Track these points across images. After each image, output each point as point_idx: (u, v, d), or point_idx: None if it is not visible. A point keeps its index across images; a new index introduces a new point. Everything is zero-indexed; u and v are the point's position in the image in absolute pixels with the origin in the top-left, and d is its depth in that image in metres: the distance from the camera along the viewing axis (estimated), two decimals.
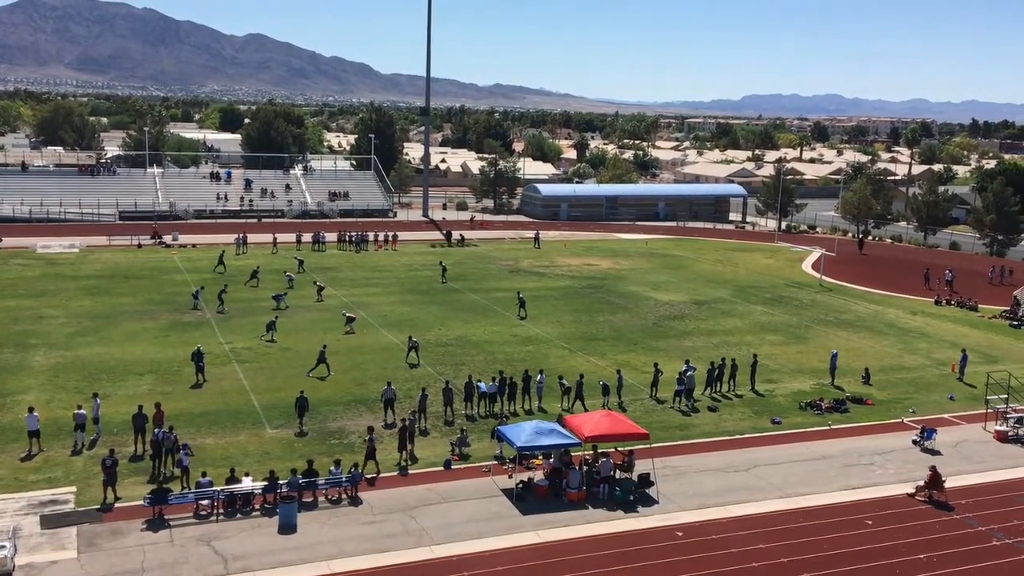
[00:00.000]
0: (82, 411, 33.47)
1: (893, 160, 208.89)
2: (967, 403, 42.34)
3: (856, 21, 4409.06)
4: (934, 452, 35.73)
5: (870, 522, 29.65)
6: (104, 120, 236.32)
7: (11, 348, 45.36)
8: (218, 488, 28.85)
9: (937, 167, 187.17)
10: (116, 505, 28.63)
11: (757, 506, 30.54)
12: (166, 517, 27.93)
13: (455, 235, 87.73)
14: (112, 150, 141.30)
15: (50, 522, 27.45)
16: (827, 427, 38.60)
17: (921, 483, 31.75)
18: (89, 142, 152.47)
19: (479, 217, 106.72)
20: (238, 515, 28.48)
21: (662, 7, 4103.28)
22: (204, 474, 29.71)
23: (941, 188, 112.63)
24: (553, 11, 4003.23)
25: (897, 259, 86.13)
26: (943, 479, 31.46)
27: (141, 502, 28.25)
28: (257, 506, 28.96)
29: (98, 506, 28.53)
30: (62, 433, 34.19)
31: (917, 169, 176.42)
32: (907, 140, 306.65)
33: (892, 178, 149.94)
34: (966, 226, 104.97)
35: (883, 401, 42.32)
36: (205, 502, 28.56)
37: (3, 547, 24.73)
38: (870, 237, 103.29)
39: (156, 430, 31.80)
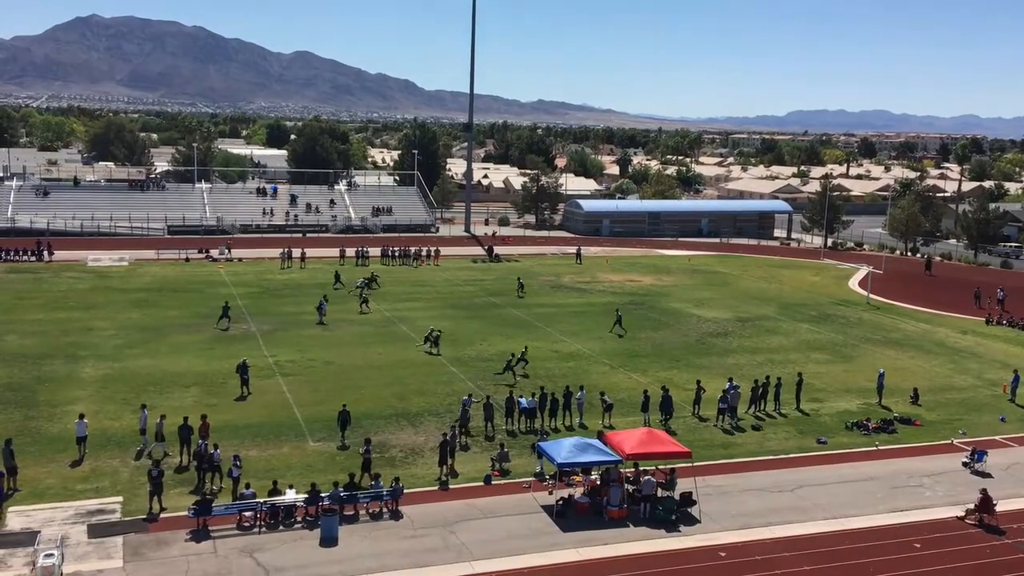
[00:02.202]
0: (160, 421, 34.24)
1: (942, 177, 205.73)
2: (1019, 425, 41.38)
3: (904, 36, 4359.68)
4: (985, 475, 34.94)
5: (918, 545, 29.03)
6: (154, 136, 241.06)
7: (61, 359, 46.26)
8: (261, 500, 29.09)
9: (988, 184, 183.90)
10: (161, 515, 28.98)
11: (802, 527, 30.05)
12: (210, 528, 28.21)
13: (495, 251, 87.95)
14: (161, 165, 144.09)
15: (97, 531, 27.86)
16: (874, 448, 37.94)
17: (971, 506, 31.04)
18: (139, 158, 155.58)
19: (500, 232, 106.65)
20: (280, 527, 28.67)
21: (706, 23, 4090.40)
22: (248, 486, 29.99)
23: (992, 205, 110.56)
24: (596, 28, 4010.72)
25: (947, 277, 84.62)
26: (994, 502, 30.73)
27: (186, 513, 28.58)
28: (299, 518, 29.14)
29: (144, 516, 28.90)
30: (110, 444, 34.75)
31: (967, 186, 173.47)
32: (957, 156, 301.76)
33: (941, 195, 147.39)
34: (1018, 244, 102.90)
35: (932, 422, 41.51)
36: (248, 514, 28.81)
37: (51, 555, 25.13)
38: (919, 255, 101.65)
39: (200, 442, 32.21)
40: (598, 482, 31.75)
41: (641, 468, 32.27)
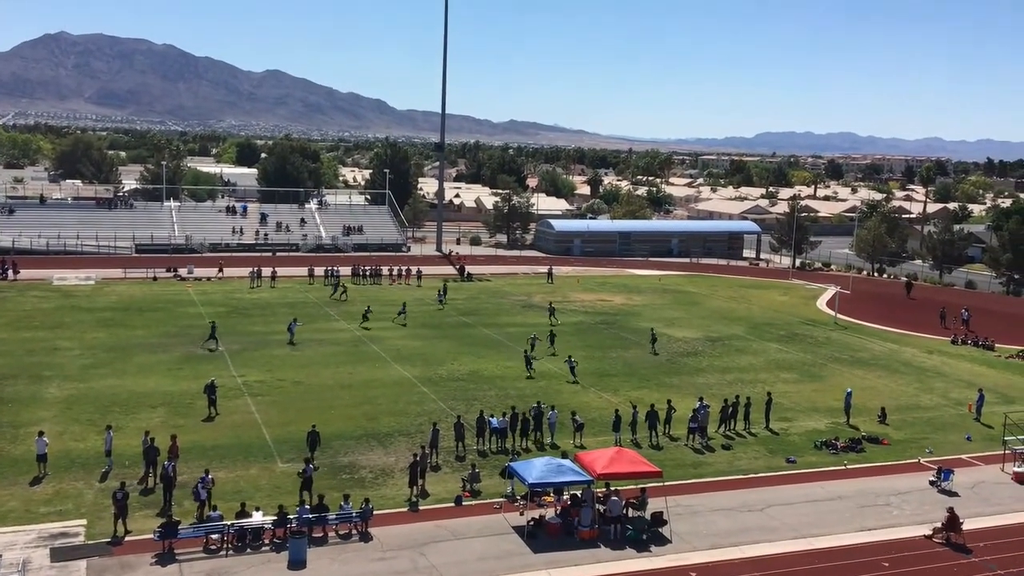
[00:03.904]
0: (147, 438, 33.70)
1: (908, 198, 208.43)
2: (984, 444, 41.86)
3: (871, 59, 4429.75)
4: (951, 493, 35.29)
5: (887, 564, 29.22)
6: (122, 154, 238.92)
7: (25, 379, 45.52)
8: (228, 522, 28.72)
9: (952, 205, 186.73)
10: (126, 538, 28.53)
11: (771, 547, 30.16)
12: (175, 551, 27.79)
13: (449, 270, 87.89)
14: (129, 183, 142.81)
15: (60, 555, 27.35)
16: (842, 467, 38.22)
17: (938, 525, 31.32)
18: (107, 175, 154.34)
19: (456, 251, 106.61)
20: (248, 550, 28.31)
21: (676, 45, 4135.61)
22: (214, 508, 29.62)
23: (956, 226, 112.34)
24: (567, 48, 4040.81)
25: (913, 297, 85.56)
26: (961, 521, 31.03)
27: (151, 536, 28.13)
28: (267, 541, 28.80)
29: (108, 539, 28.44)
30: (74, 465, 34.21)
31: (932, 207, 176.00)
32: (922, 178, 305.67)
33: (907, 216, 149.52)
34: (982, 265, 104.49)
35: (899, 441, 41.90)
36: (215, 536, 28.43)
37: None
38: (884, 275, 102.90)
39: (166, 463, 31.78)
40: (569, 502, 31.69)
41: (612, 488, 32.23)
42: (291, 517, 29.13)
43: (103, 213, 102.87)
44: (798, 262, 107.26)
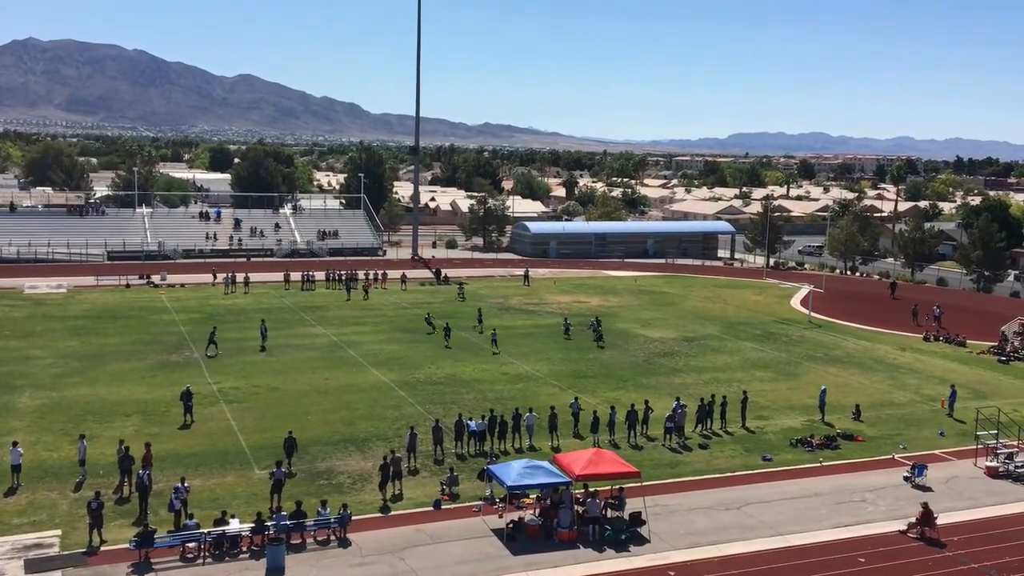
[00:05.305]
0: (122, 446, 33.43)
1: (879, 197, 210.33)
2: (957, 439, 42.34)
3: (842, 60, 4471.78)
4: (925, 488, 35.65)
5: (863, 560, 29.48)
6: (93, 160, 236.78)
7: None
8: (205, 530, 28.52)
9: (923, 204, 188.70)
10: (102, 548, 28.26)
11: (749, 545, 30.34)
12: (152, 560, 27.56)
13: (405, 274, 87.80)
14: (101, 190, 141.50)
15: (34, 566, 27.05)
16: (818, 464, 38.51)
17: (913, 520, 31.62)
18: (78, 182, 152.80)
19: (423, 255, 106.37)
20: (225, 558, 28.12)
21: (649, 47, 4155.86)
22: (191, 516, 29.42)
23: (927, 224, 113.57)
24: (541, 51, 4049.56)
25: (884, 295, 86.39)
26: (935, 516, 31.35)
27: (127, 545, 27.89)
28: (245, 548, 28.62)
29: (83, 550, 28.16)
30: (48, 475, 33.86)
31: (903, 206, 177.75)
32: (893, 177, 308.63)
33: (878, 215, 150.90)
34: (953, 262, 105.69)
35: (874, 437, 42.29)
36: (192, 545, 28.21)
37: None
38: (857, 273, 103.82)
39: (140, 471, 31.52)
40: (548, 504, 31.72)
41: (590, 489, 32.31)
42: (269, 524, 28.97)
43: (74, 220, 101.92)
44: (772, 261, 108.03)
